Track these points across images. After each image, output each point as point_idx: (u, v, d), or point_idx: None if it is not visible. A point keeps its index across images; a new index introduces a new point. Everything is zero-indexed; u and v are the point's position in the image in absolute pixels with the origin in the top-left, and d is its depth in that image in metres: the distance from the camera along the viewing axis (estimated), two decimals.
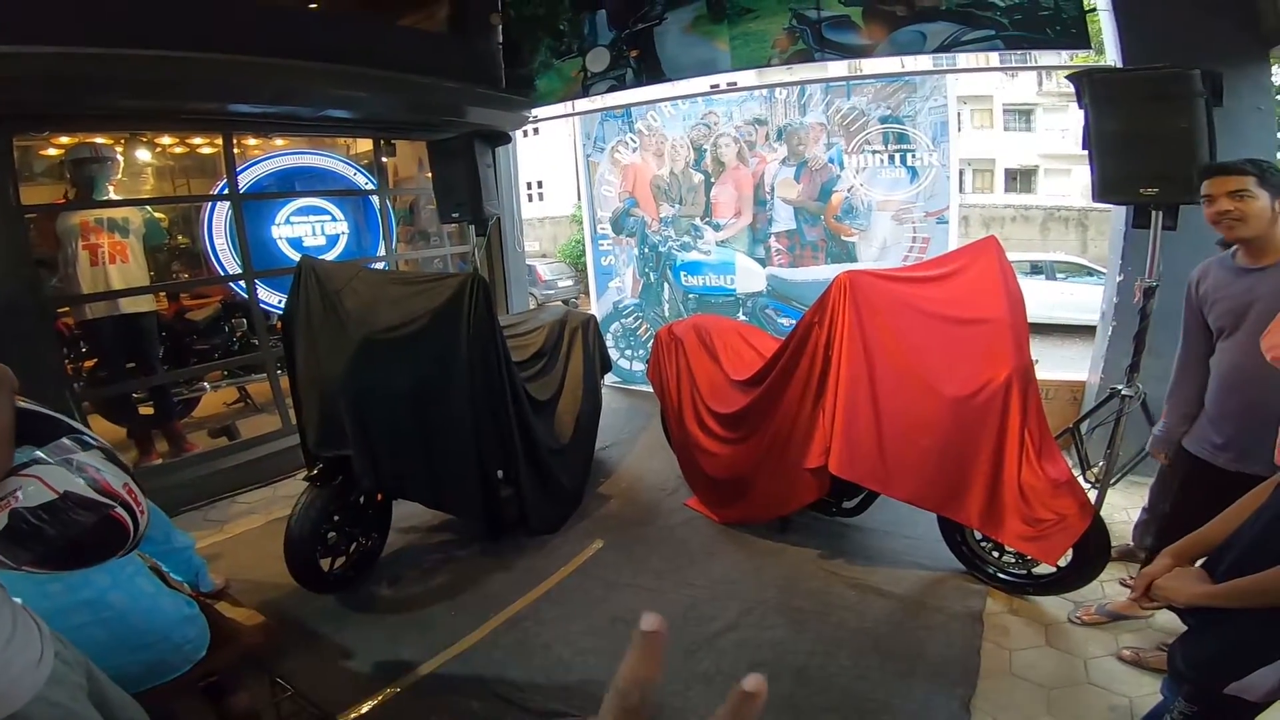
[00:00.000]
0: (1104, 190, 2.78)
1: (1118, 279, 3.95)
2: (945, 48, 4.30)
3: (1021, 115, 19.69)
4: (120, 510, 1.18)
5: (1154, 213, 2.72)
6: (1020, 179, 19.84)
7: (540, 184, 22.18)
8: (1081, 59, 4.42)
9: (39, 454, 1.16)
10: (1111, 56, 3.81)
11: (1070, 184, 18.53)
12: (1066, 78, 3.10)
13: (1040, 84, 18.82)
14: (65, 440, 1.21)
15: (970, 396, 2.76)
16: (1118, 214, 3.97)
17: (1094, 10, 3.84)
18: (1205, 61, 2.53)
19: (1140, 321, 2.84)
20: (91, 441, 1.24)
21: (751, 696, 0.37)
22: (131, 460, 4.48)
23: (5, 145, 3.57)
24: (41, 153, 4.98)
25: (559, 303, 12.38)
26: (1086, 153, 2.81)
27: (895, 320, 2.93)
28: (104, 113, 4.02)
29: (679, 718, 2.38)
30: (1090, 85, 2.75)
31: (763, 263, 5.69)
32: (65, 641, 1.37)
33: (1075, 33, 3.90)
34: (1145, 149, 2.57)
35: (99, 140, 4.33)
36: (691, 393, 3.90)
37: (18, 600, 1.28)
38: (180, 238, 6.37)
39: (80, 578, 1.60)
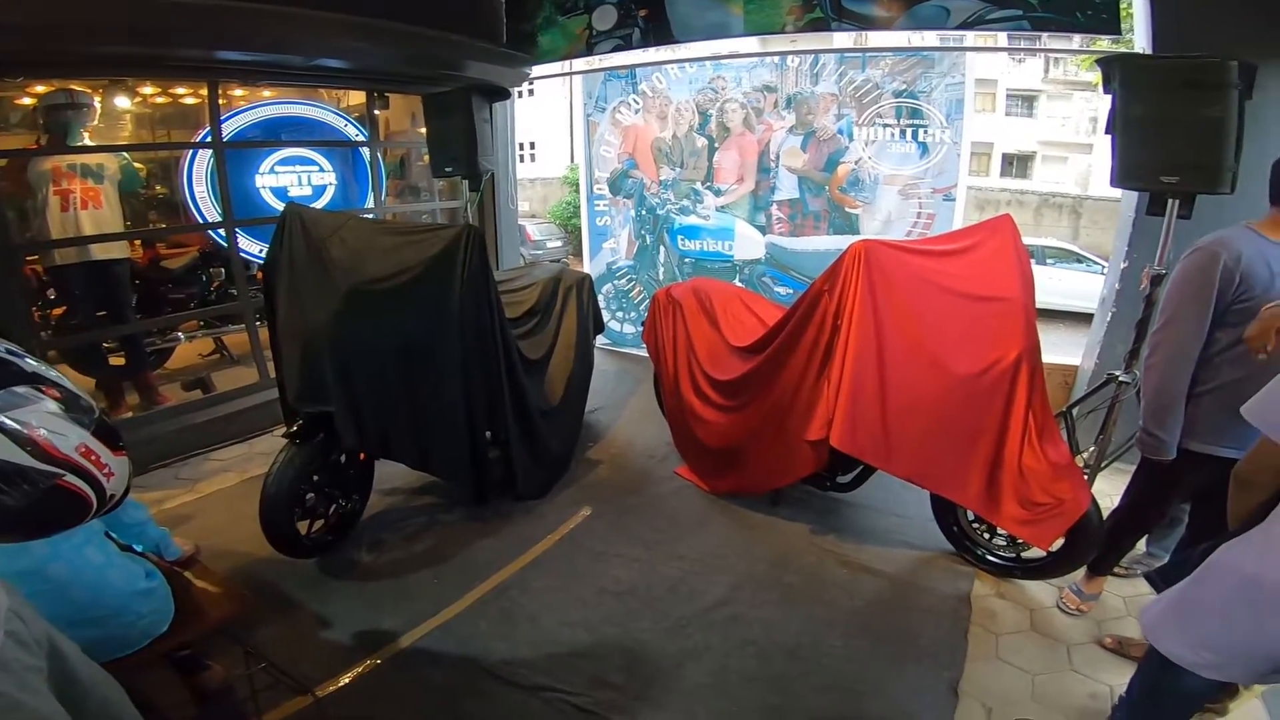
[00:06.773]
0: (1124, 175, 2.75)
1: (1122, 265, 3.90)
2: (968, 25, 4.17)
3: (1024, 101, 19.55)
4: (71, 478, 1.01)
5: (1170, 201, 2.69)
6: (1017, 164, 19.80)
7: (532, 145, 21.74)
8: (1101, 45, 4.32)
9: None
10: (1140, 44, 3.72)
11: (1066, 171, 18.53)
12: (1096, 61, 3.06)
13: (1046, 71, 18.67)
14: (17, 389, 1.00)
15: (979, 374, 2.71)
16: (1128, 200, 3.92)
17: None
18: (1235, 54, 2.49)
19: (1144, 309, 2.81)
20: (54, 387, 1.06)
21: None
22: None
23: None
24: (16, 101, 4.83)
25: (552, 260, 12.29)
26: (1109, 137, 2.77)
27: (908, 292, 2.84)
28: (85, 59, 3.77)
29: (670, 694, 2.35)
30: (1122, 69, 2.69)
31: (763, 230, 5.60)
32: (27, 616, 1.18)
33: (1106, 18, 3.81)
34: (1171, 137, 2.54)
35: (75, 87, 4.11)
36: (689, 358, 3.80)
37: None
38: (159, 187, 6.20)
39: (16, 546, 1.44)
